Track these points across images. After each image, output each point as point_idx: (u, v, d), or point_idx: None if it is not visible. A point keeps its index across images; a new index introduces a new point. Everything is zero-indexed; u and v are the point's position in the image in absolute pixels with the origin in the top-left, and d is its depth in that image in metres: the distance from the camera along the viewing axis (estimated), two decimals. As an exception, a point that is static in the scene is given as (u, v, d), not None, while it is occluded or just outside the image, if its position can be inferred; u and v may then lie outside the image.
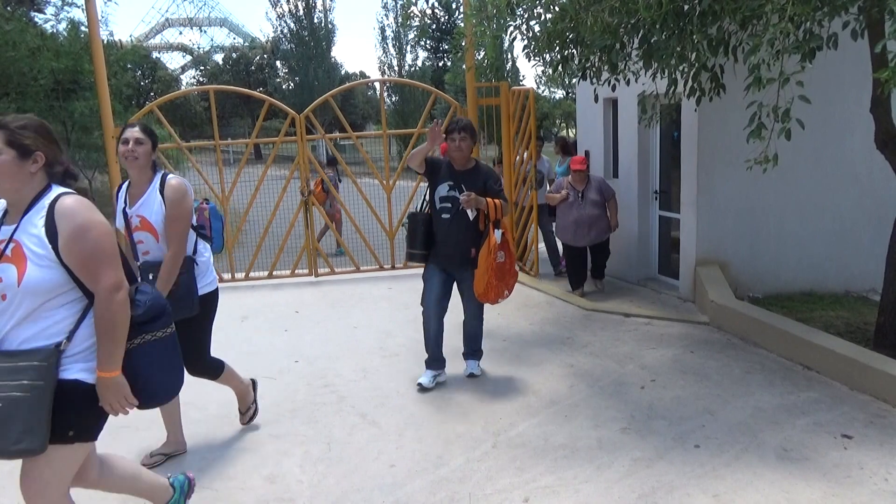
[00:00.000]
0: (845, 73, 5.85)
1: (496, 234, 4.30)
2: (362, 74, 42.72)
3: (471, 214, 4.35)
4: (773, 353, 4.99)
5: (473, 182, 4.39)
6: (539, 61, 5.46)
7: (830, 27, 3.94)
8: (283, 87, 36.72)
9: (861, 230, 6.35)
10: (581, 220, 6.83)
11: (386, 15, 39.19)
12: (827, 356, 4.52)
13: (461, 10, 9.08)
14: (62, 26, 14.07)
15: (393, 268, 8.38)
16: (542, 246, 8.32)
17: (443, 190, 4.43)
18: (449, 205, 4.40)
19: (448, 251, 4.47)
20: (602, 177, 7.16)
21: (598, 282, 7.15)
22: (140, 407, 2.37)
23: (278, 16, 35.90)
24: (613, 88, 5.51)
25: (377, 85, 36.65)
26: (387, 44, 35.58)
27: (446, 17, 38.32)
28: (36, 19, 14.88)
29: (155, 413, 4.35)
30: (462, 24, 7.87)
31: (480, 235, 4.43)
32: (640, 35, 4.60)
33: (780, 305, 5.86)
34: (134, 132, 3.60)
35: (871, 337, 4.87)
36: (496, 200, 4.36)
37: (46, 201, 2.24)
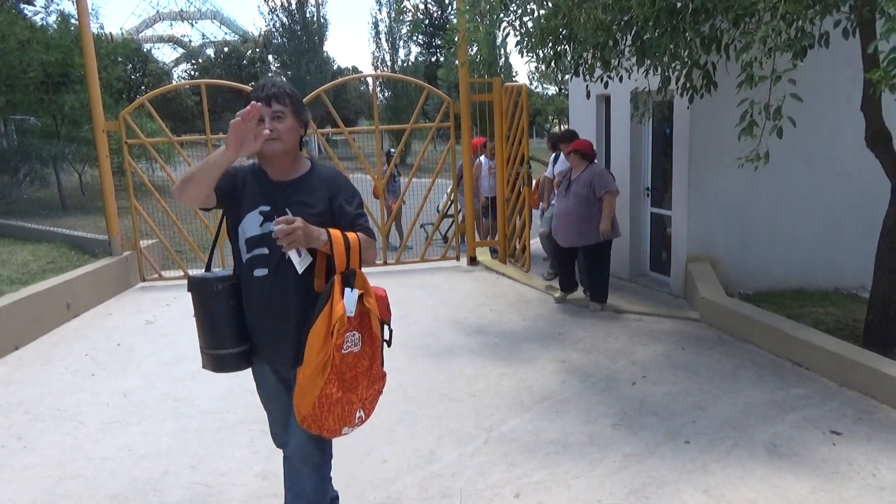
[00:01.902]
0: (837, 71, 5.88)
1: (346, 300, 2.26)
2: (355, 69, 42.59)
3: (298, 262, 2.27)
4: (764, 349, 5.02)
5: (307, 201, 2.38)
6: (532, 57, 5.47)
7: (822, 26, 3.97)
8: (275, 81, 36.52)
9: (851, 228, 6.39)
10: (560, 213, 6.16)
11: (379, 10, 39.05)
12: (816, 353, 4.55)
13: (454, 5, 9.07)
14: (52, 19, 13.95)
15: (385, 263, 8.37)
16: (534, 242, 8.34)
17: (251, 224, 2.38)
18: (265, 251, 2.36)
19: (270, 337, 2.45)
20: (602, 168, 6.19)
21: (592, 303, 6.24)
22: None
23: (270, 10, 35.73)
24: (606, 85, 5.52)
25: (370, 80, 36.49)
26: (380, 39, 35.45)
27: (439, 13, 38.23)
28: (25, 11, 14.73)
29: (146, 408, 4.35)
30: (455, 20, 7.86)
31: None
32: (632, 32, 4.62)
33: (770, 302, 5.90)
34: None
35: (860, 334, 4.91)
36: (351, 235, 2.33)
37: None
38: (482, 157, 8.76)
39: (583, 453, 3.57)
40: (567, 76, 6.03)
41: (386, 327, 2.46)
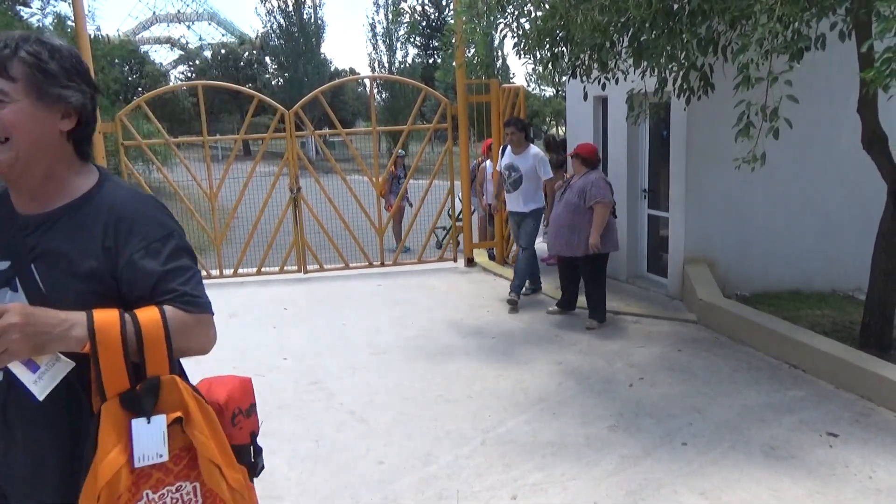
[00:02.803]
0: (833, 73, 5.89)
1: (137, 441, 1.25)
2: (352, 71, 42.60)
3: (34, 385, 1.23)
4: (761, 351, 5.02)
5: (68, 253, 1.34)
6: (529, 59, 5.47)
7: (818, 28, 3.97)
8: (273, 83, 36.55)
9: (847, 230, 6.40)
10: (552, 220, 5.87)
11: (376, 11, 39.11)
12: (813, 355, 4.55)
13: (451, 6, 9.08)
14: (48, 21, 13.96)
15: (382, 265, 8.35)
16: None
17: None
18: None
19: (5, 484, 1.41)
20: (599, 176, 5.72)
21: (588, 319, 5.80)
22: None
23: (267, 11, 35.80)
24: (603, 87, 5.52)
25: (367, 81, 36.56)
26: (377, 40, 35.50)
27: (436, 14, 38.28)
28: (22, 13, 14.73)
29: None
30: (452, 21, 7.86)
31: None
32: (629, 34, 4.62)
33: (767, 304, 5.90)
34: None
35: (856, 336, 4.91)
36: (147, 316, 1.30)
37: None
38: (487, 161, 8.48)
39: (579, 455, 3.57)
40: (564, 78, 6.03)
41: (256, 446, 1.53)
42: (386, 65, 35.31)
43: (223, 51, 38.28)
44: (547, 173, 6.37)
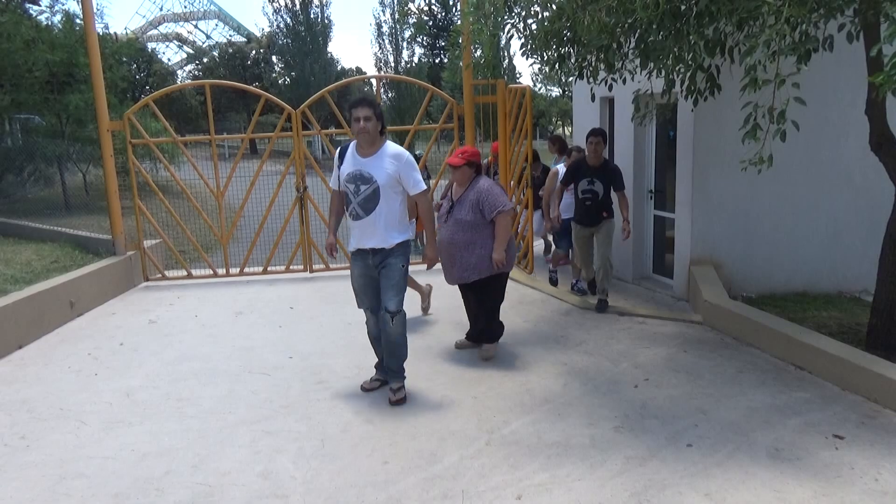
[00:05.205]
0: (841, 75, 5.88)
1: None
2: (358, 70, 42.64)
3: None
4: (766, 352, 5.01)
5: None
6: (536, 59, 5.47)
7: (826, 29, 3.96)
8: (279, 82, 36.65)
9: (854, 231, 6.38)
10: (443, 244, 4.89)
11: (383, 11, 39.15)
12: (819, 356, 4.54)
13: (458, 6, 9.07)
14: (57, 18, 14.00)
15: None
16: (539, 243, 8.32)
17: None
18: None
19: None
20: (490, 182, 4.85)
21: (484, 346, 5.09)
22: None
23: (274, 10, 35.90)
24: (610, 87, 5.52)
25: (373, 81, 36.59)
26: (383, 40, 35.55)
27: (443, 14, 38.29)
28: (31, 11, 14.79)
29: (148, 408, 4.35)
30: (459, 22, 7.86)
31: None
32: (636, 35, 4.62)
33: (773, 305, 5.89)
34: None
35: (863, 338, 4.90)
36: None
37: None
38: (560, 165, 7.29)
39: (584, 456, 3.57)
40: (571, 78, 6.03)
41: None
42: (392, 64, 35.33)
43: (230, 50, 38.39)
44: (418, 184, 4.24)
